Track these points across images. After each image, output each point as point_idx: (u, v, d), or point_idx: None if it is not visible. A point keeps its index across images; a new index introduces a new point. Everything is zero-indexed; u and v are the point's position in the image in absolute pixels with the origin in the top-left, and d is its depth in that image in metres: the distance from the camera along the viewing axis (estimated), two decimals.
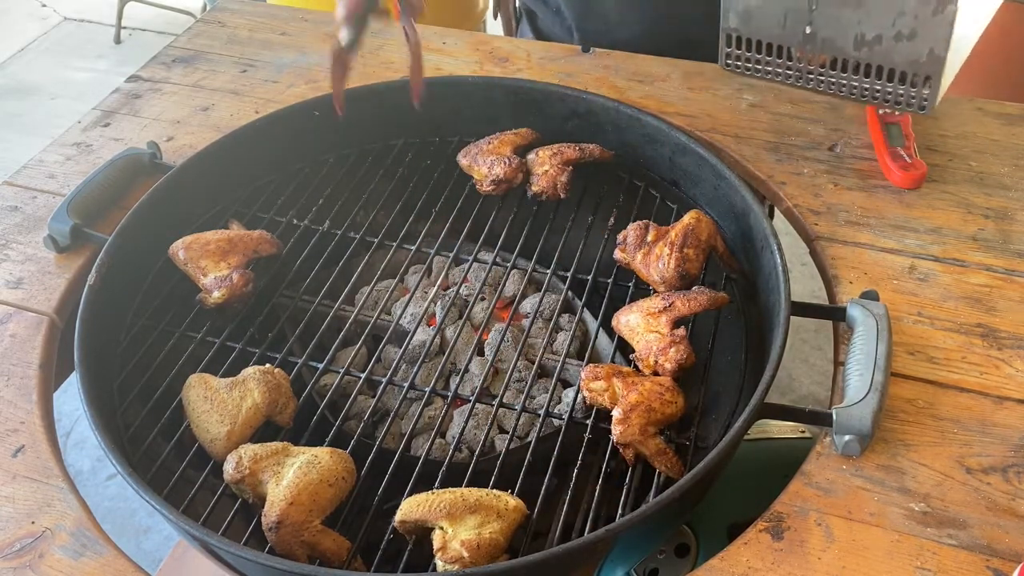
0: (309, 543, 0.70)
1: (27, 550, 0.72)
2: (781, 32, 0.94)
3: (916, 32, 0.86)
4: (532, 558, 0.65)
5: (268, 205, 1.03)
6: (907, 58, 0.88)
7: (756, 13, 0.94)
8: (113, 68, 3.28)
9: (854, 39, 0.90)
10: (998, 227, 0.97)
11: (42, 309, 0.91)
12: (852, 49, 0.91)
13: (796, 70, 0.97)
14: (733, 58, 1.00)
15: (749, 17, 0.95)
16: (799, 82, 0.98)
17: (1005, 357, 0.84)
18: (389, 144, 1.10)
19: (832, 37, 0.91)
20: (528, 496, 0.73)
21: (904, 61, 0.89)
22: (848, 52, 0.92)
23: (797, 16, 0.92)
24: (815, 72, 0.96)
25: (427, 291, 1.02)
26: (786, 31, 0.93)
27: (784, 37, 0.94)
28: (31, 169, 1.09)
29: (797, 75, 0.97)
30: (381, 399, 0.90)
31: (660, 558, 0.98)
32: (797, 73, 0.97)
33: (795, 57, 0.96)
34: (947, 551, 0.69)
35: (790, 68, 0.97)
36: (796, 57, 0.96)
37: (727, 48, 0.99)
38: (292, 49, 1.29)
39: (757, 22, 0.95)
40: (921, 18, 0.85)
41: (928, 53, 0.87)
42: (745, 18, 0.95)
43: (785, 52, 0.96)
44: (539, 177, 1.01)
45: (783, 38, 0.95)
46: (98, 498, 1.87)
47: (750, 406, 0.73)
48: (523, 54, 1.25)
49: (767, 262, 0.87)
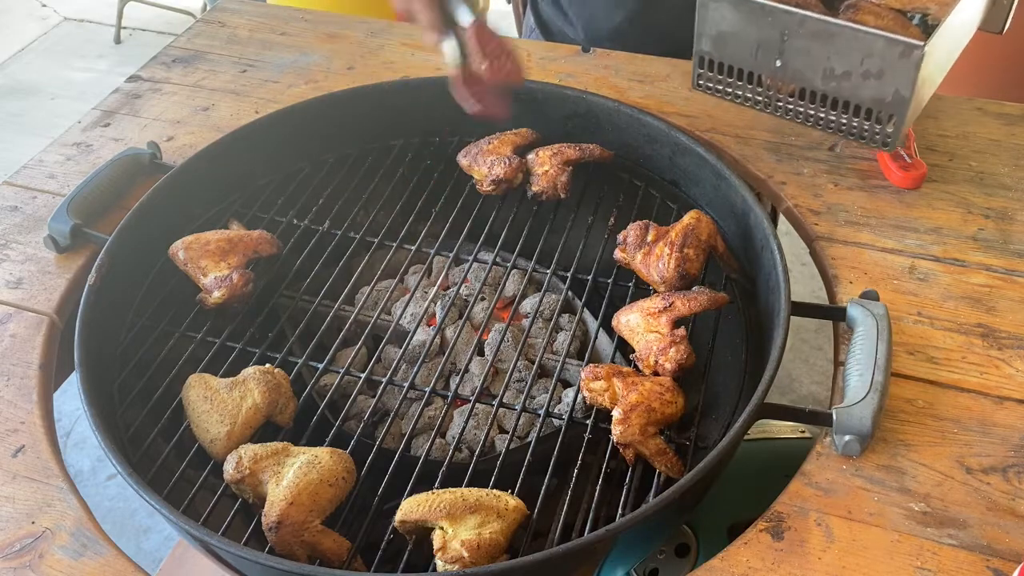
0: (309, 543, 0.70)
1: (27, 550, 0.72)
2: (752, 60, 0.95)
3: (883, 72, 0.88)
4: (532, 558, 0.65)
5: (268, 205, 1.03)
6: (873, 96, 0.90)
7: (729, 39, 0.95)
8: (113, 68, 3.28)
9: (823, 72, 0.91)
10: (998, 227, 0.97)
11: (42, 309, 0.91)
12: (820, 82, 0.92)
13: (766, 97, 0.98)
14: (705, 79, 1.01)
15: (722, 43, 0.96)
16: (767, 109, 0.99)
17: (1005, 357, 0.84)
18: (389, 144, 1.10)
19: (802, 69, 0.93)
20: (528, 496, 0.73)
21: (870, 98, 0.90)
22: (816, 84, 0.93)
23: (769, 46, 0.93)
24: (784, 100, 0.97)
25: (427, 291, 1.02)
26: (758, 59, 0.95)
27: (755, 65, 0.95)
28: (31, 169, 1.09)
29: (766, 102, 0.98)
30: (381, 399, 0.90)
31: (660, 558, 0.98)
32: (766, 100, 0.98)
33: (765, 84, 0.97)
34: (947, 551, 0.69)
35: (760, 94, 0.98)
36: (766, 84, 0.97)
37: (699, 69, 1.00)
38: (292, 49, 1.29)
39: (729, 48, 0.96)
40: (888, 60, 0.86)
41: (893, 93, 0.89)
42: (718, 43, 0.96)
43: (756, 78, 0.97)
44: (539, 177, 1.01)
45: (754, 65, 0.96)
46: (98, 498, 1.87)
47: (750, 406, 0.73)
48: (523, 54, 1.25)
49: (767, 262, 0.87)
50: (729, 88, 1.00)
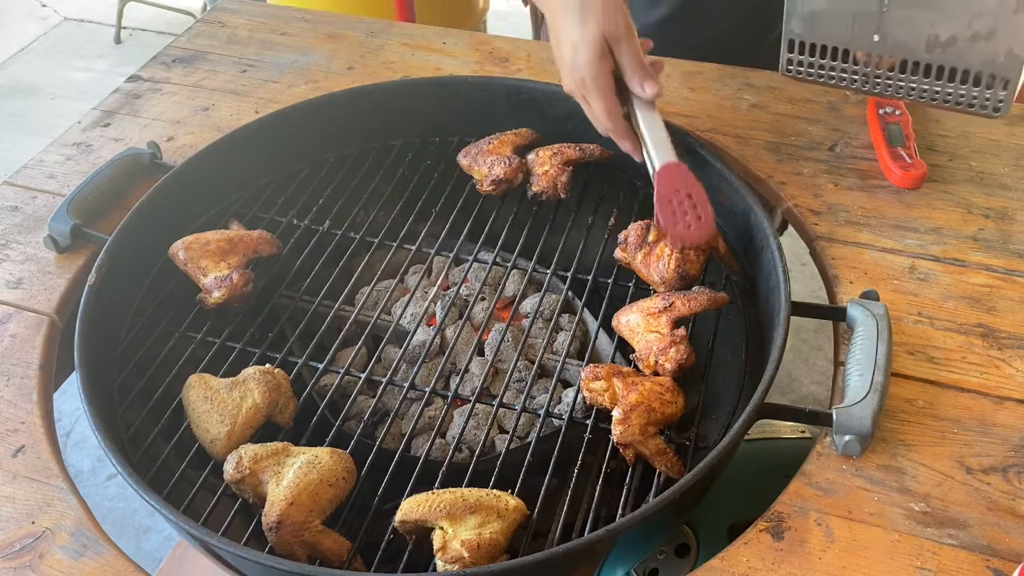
0: (309, 543, 0.70)
1: (27, 550, 0.72)
2: (849, 35, 0.91)
3: (995, 32, 0.83)
4: (532, 558, 0.65)
5: (268, 205, 1.03)
6: (983, 59, 0.85)
7: (822, 16, 0.91)
8: (113, 68, 3.28)
9: (927, 41, 0.87)
10: (998, 227, 0.97)
11: (42, 309, 0.91)
12: (924, 51, 0.88)
13: (863, 74, 0.94)
14: (795, 64, 0.97)
15: (814, 20, 0.92)
16: (864, 87, 0.95)
17: (1005, 357, 0.84)
18: (389, 144, 1.10)
19: (903, 39, 0.88)
20: (528, 496, 0.73)
21: (980, 62, 0.86)
22: (920, 54, 0.88)
23: (866, 18, 0.88)
24: (883, 76, 0.93)
25: (427, 291, 1.02)
26: (854, 34, 0.90)
27: (851, 41, 0.91)
28: (31, 169, 1.09)
29: (863, 79, 0.94)
30: (381, 399, 0.90)
31: (660, 558, 0.98)
32: (863, 77, 0.94)
33: (861, 61, 0.92)
34: (947, 551, 0.69)
35: (856, 73, 0.94)
36: (862, 61, 0.92)
37: (788, 54, 0.96)
38: (292, 49, 1.29)
39: (823, 26, 0.92)
40: (1001, 17, 0.82)
41: (1007, 53, 0.84)
42: (810, 22, 0.92)
43: (851, 57, 0.93)
44: (539, 177, 1.01)
45: (850, 42, 0.91)
46: (98, 498, 1.86)
47: (750, 406, 0.73)
48: (523, 54, 1.25)
49: (767, 262, 0.87)
50: (822, 70, 0.95)
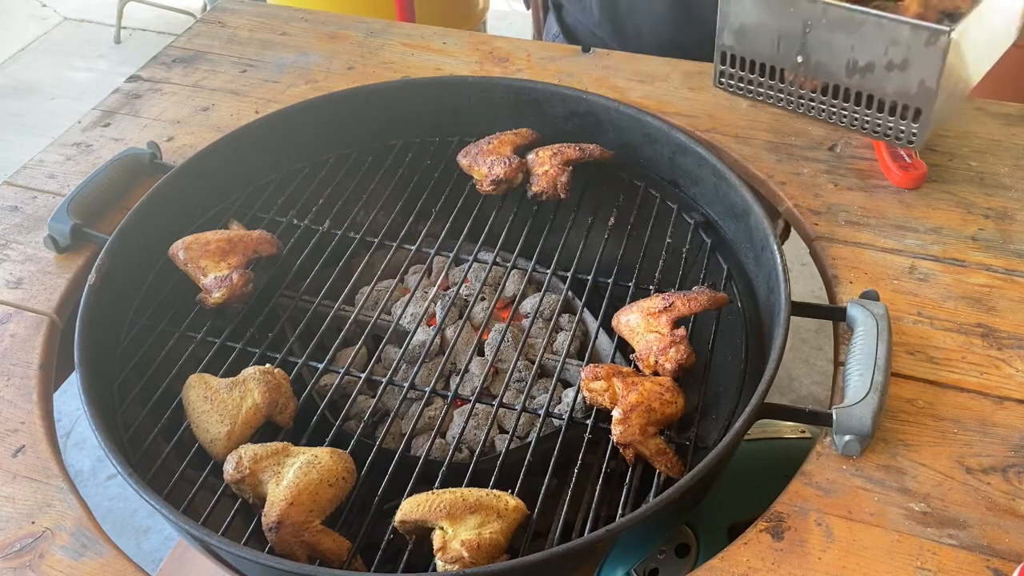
0: (309, 543, 0.70)
1: (27, 550, 0.72)
2: (775, 53, 0.94)
3: (908, 62, 0.86)
4: (532, 558, 0.65)
5: (268, 205, 1.03)
6: (898, 88, 0.88)
7: (750, 32, 0.94)
8: (113, 68, 3.28)
9: (846, 65, 0.90)
10: (998, 227, 0.97)
11: (42, 309, 0.91)
12: (844, 75, 0.91)
13: (788, 93, 0.97)
14: (727, 76, 1.00)
15: (743, 35, 0.95)
16: (790, 106, 0.98)
17: (1005, 357, 0.84)
18: (389, 144, 1.10)
19: (825, 62, 0.91)
20: (528, 496, 0.73)
21: (895, 91, 0.89)
22: (840, 78, 0.91)
23: (791, 38, 0.91)
24: (807, 97, 0.96)
25: (427, 291, 1.02)
26: (780, 52, 0.93)
27: (777, 58, 0.94)
28: (31, 169, 1.09)
29: (789, 99, 0.97)
30: (381, 399, 0.90)
31: (660, 558, 0.98)
32: (789, 97, 0.97)
33: (787, 80, 0.95)
34: (947, 551, 0.69)
35: (782, 91, 0.97)
36: (788, 80, 0.95)
37: (721, 66, 0.99)
38: (292, 49, 1.29)
39: (751, 41, 0.95)
40: (914, 48, 0.85)
41: (919, 84, 0.87)
42: (739, 36, 0.95)
43: (778, 74, 0.95)
44: (539, 177, 1.01)
45: (776, 59, 0.94)
46: (98, 498, 1.86)
47: (750, 406, 0.73)
48: (523, 54, 1.25)
49: (767, 262, 0.87)
50: (751, 86, 0.98)
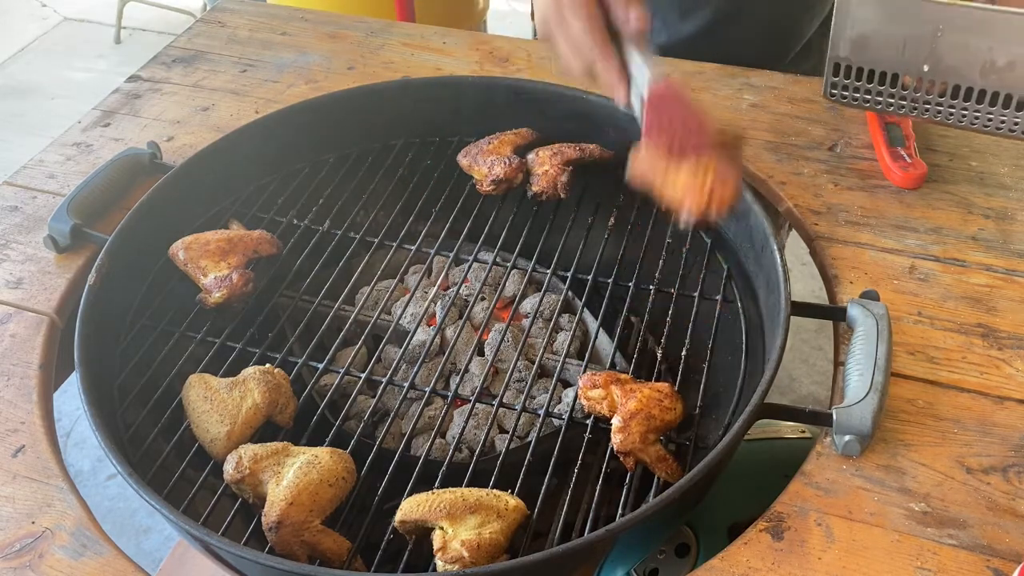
0: (309, 543, 0.70)
1: (27, 550, 0.72)
2: (899, 60, 0.87)
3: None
4: (532, 558, 0.65)
5: (268, 205, 1.03)
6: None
7: (872, 40, 0.88)
8: (113, 68, 3.28)
9: (982, 66, 0.84)
10: (998, 227, 0.97)
11: (42, 309, 0.91)
12: (979, 77, 0.85)
13: (911, 99, 0.91)
14: (840, 88, 0.93)
15: (863, 44, 0.88)
16: (912, 112, 0.92)
17: (1005, 357, 0.84)
18: (389, 144, 1.10)
19: (957, 64, 0.85)
20: (528, 496, 0.73)
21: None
22: (974, 80, 0.86)
23: (919, 43, 0.85)
24: (932, 101, 0.90)
25: (427, 291, 1.02)
26: (904, 59, 0.87)
27: (901, 65, 0.88)
28: (31, 169, 1.09)
29: (911, 104, 0.91)
30: (381, 399, 0.90)
31: (660, 558, 0.98)
32: (911, 103, 0.91)
33: (909, 86, 0.89)
34: (947, 551, 0.69)
35: (903, 98, 0.91)
36: (911, 87, 0.89)
37: (833, 77, 0.93)
38: (292, 49, 1.29)
39: (872, 50, 0.88)
40: None
41: None
42: (859, 45, 0.89)
43: (899, 81, 0.89)
44: (539, 177, 1.01)
45: (900, 66, 0.88)
46: (98, 498, 1.87)
47: (750, 406, 0.73)
48: (523, 54, 1.25)
49: (767, 262, 0.87)
50: (868, 95, 0.93)
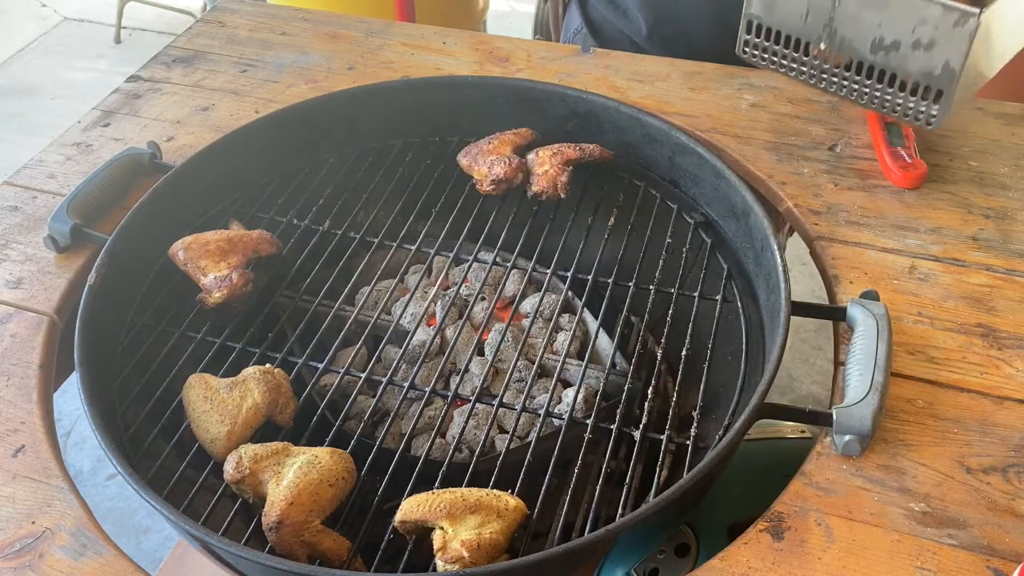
0: (309, 543, 0.70)
1: (27, 550, 0.72)
2: (802, 26, 0.93)
3: (934, 42, 0.85)
4: (532, 558, 0.65)
5: (268, 205, 1.03)
6: (922, 68, 0.88)
7: (779, 3, 0.94)
8: (113, 68, 3.28)
9: (872, 42, 0.90)
10: (998, 227, 0.97)
11: (42, 309, 0.91)
12: (869, 52, 0.90)
13: (812, 67, 0.96)
14: (751, 46, 1.00)
15: (772, 6, 0.95)
16: (812, 80, 0.97)
17: (1005, 357, 0.84)
18: (389, 144, 1.10)
19: (851, 37, 0.91)
20: (528, 496, 0.73)
21: (918, 71, 0.88)
22: (865, 55, 0.91)
23: (819, 12, 0.91)
24: (829, 72, 0.95)
25: (427, 291, 1.02)
26: (807, 26, 0.93)
27: (804, 31, 0.94)
28: (31, 169, 1.09)
29: (811, 73, 0.97)
30: (381, 399, 0.90)
31: (660, 558, 0.98)
32: (812, 71, 0.97)
33: (812, 54, 0.95)
34: (947, 551, 0.69)
35: (805, 65, 0.97)
36: (813, 55, 0.95)
37: (746, 35, 0.99)
38: (292, 49, 1.29)
39: (779, 12, 0.95)
40: (941, 28, 0.84)
41: (943, 66, 0.86)
42: (768, 6, 0.95)
43: (803, 47, 0.95)
44: (539, 177, 1.01)
45: (803, 32, 0.94)
46: (98, 498, 1.86)
47: (750, 406, 0.73)
48: (523, 54, 1.25)
49: (767, 262, 0.87)
50: (775, 57, 0.98)
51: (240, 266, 0.92)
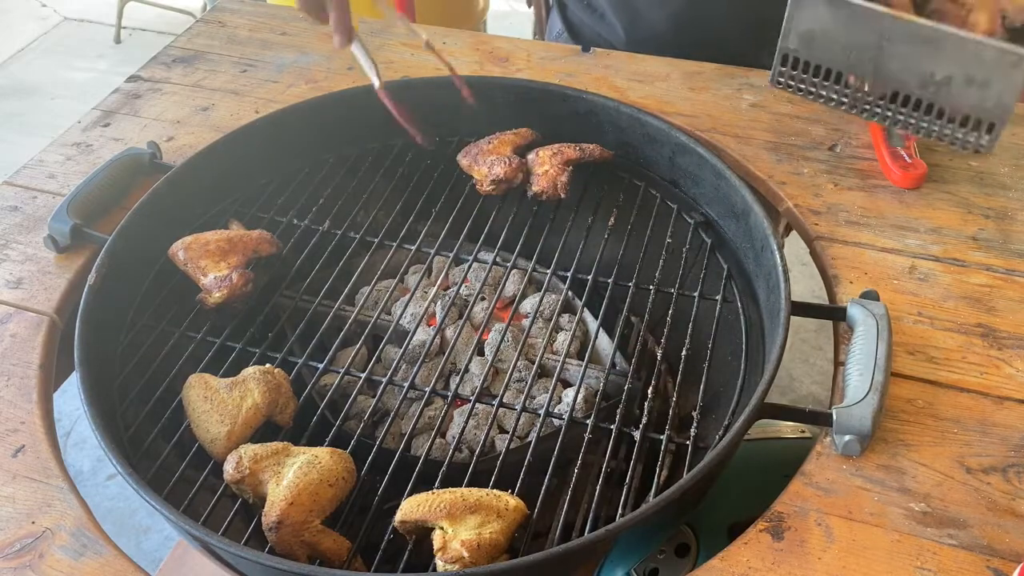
0: (309, 543, 0.70)
1: (27, 550, 0.72)
2: (844, 61, 0.91)
3: (989, 81, 0.85)
4: (532, 558, 0.65)
5: (268, 205, 1.03)
6: (974, 103, 0.87)
7: (819, 39, 0.91)
8: (113, 68, 3.28)
9: (921, 78, 0.88)
10: (998, 227, 0.97)
11: (42, 309, 0.91)
12: (917, 87, 0.89)
13: (852, 97, 0.95)
14: (786, 77, 0.97)
15: (811, 41, 0.92)
16: (852, 109, 0.96)
17: (1005, 357, 0.84)
18: (389, 144, 1.10)
19: (898, 73, 0.89)
20: (528, 496, 0.73)
21: (970, 106, 0.88)
22: (911, 90, 0.90)
23: (864, 49, 0.89)
24: (872, 103, 0.94)
25: (427, 291, 1.02)
26: (850, 60, 0.91)
27: (846, 65, 0.91)
28: (31, 169, 1.09)
29: (852, 102, 0.95)
30: (381, 399, 0.90)
31: (660, 558, 0.98)
32: (852, 100, 0.95)
33: (853, 86, 0.93)
34: (947, 551, 0.69)
35: (845, 95, 0.95)
36: (854, 87, 0.93)
37: (781, 67, 0.96)
38: (292, 49, 1.29)
39: (819, 48, 0.92)
40: (997, 69, 0.84)
41: (996, 101, 0.86)
42: (806, 41, 0.92)
43: (843, 78, 0.93)
44: (539, 177, 1.01)
45: (845, 66, 0.91)
46: (98, 498, 1.87)
47: (750, 406, 0.73)
48: (523, 54, 1.25)
49: (767, 262, 0.87)
50: (812, 88, 0.96)
51: (240, 266, 0.92)
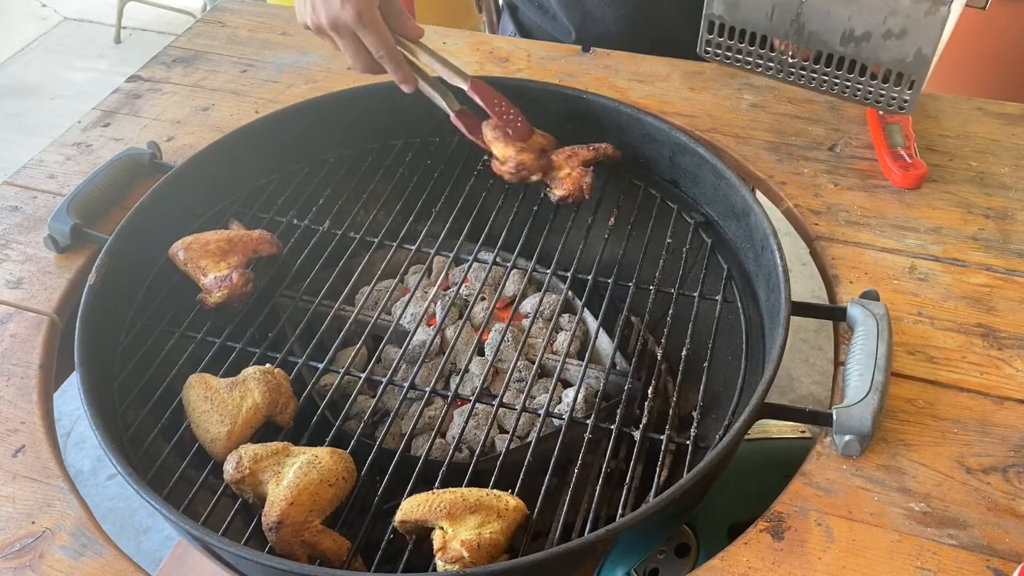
0: (309, 543, 0.70)
1: (27, 550, 0.72)
2: (767, 23, 0.92)
3: (906, 31, 0.85)
4: (532, 558, 0.65)
5: (268, 205, 1.03)
6: (894, 57, 0.88)
7: (743, 2, 0.92)
8: (113, 68, 3.29)
9: (842, 34, 0.89)
10: (998, 227, 0.97)
11: (42, 309, 0.91)
12: (838, 44, 0.90)
13: (778, 62, 0.95)
14: (713, 45, 0.98)
15: (735, 5, 0.93)
16: (779, 75, 0.96)
17: (1005, 357, 0.84)
18: (389, 144, 1.10)
19: (819, 31, 0.90)
20: (528, 496, 0.73)
21: (891, 60, 0.88)
22: (834, 47, 0.90)
23: (785, 7, 0.90)
24: (797, 65, 0.94)
25: (427, 291, 1.02)
26: (773, 22, 0.92)
27: (770, 28, 0.92)
28: (31, 169, 1.09)
29: (778, 67, 0.96)
30: (381, 399, 0.90)
31: (660, 558, 0.98)
32: (778, 65, 0.95)
33: (778, 49, 0.94)
34: (947, 551, 0.69)
35: (771, 60, 0.95)
36: (779, 49, 0.94)
37: (708, 35, 0.97)
38: (292, 49, 1.29)
39: (743, 11, 0.93)
40: (913, 17, 0.84)
41: (915, 53, 0.86)
42: (731, 5, 0.93)
43: (768, 43, 0.94)
44: (562, 181, 0.99)
45: (768, 29, 0.92)
46: (98, 498, 1.87)
47: (750, 406, 0.73)
48: (523, 54, 1.25)
49: (767, 262, 0.87)
50: (739, 55, 0.97)
51: (240, 266, 0.92)
